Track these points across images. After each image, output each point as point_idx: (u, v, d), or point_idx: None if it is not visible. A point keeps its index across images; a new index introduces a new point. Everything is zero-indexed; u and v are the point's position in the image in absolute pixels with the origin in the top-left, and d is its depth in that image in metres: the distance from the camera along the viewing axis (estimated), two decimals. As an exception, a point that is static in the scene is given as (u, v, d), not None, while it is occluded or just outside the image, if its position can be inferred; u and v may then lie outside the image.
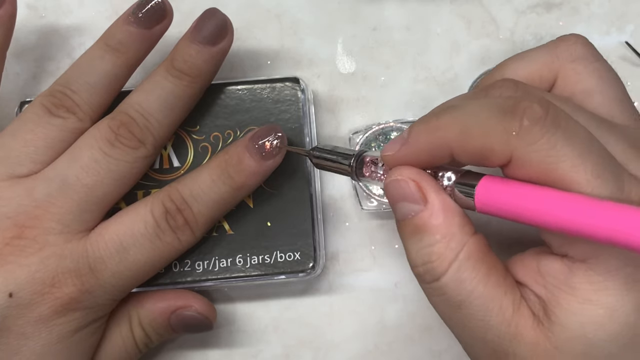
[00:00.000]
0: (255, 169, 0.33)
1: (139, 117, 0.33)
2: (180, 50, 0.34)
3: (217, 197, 0.33)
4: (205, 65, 0.34)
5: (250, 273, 0.35)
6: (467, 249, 0.27)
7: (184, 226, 0.33)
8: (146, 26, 0.34)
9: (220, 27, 0.34)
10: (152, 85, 0.34)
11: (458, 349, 0.37)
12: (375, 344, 0.37)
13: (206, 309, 0.35)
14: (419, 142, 0.28)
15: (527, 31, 0.38)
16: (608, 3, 0.38)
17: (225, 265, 0.35)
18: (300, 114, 0.36)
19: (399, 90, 0.38)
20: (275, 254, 0.35)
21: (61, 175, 0.32)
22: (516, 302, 0.26)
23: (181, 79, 0.33)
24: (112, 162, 0.32)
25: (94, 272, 0.32)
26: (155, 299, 0.35)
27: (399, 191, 0.28)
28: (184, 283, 0.35)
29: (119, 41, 0.34)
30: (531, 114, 0.25)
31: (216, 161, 0.33)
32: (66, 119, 0.33)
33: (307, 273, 0.35)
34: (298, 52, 0.39)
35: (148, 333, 0.35)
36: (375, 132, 0.37)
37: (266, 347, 0.37)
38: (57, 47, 0.39)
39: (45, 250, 0.31)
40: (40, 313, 0.31)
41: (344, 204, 0.38)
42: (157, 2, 0.34)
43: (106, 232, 0.32)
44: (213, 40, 0.34)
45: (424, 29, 0.38)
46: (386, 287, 0.37)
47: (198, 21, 0.34)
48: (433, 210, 0.27)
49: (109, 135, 0.32)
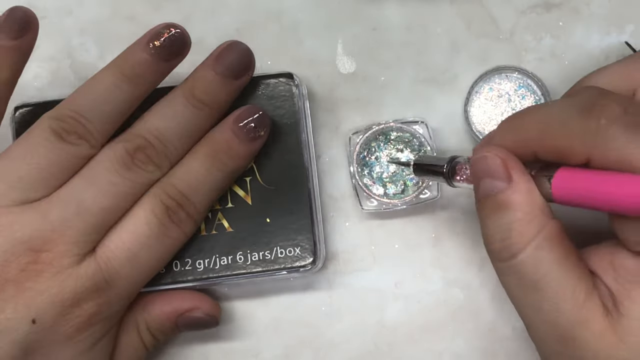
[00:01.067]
0: (245, 152, 0.34)
1: (157, 142, 0.33)
2: (202, 80, 0.33)
3: (213, 184, 0.34)
4: (226, 98, 0.34)
5: (251, 270, 0.35)
6: (547, 230, 0.27)
7: (186, 219, 0.33)
8: (166, 58, 0.33)
9: (245, 62, 0.34)
10: (171, 112, 0.33)
11: (458, 349, 0.37)
12: (375, 344, 0.37)
13: (212, 309, 0.35)
14: (504, 140, 0.29)
15: (527, 31, 0.38)
16: (608, 3, 0.38)
17: (226, 263, 0.35)
18: (295, 109, 0.36)
19: (399, 90, 0.38)
20: (276, 250, 0.35)
21: (77, 198, 0.32)
22: (589, 289, 0.27)
23: (201, 109, 0.33)
24: (128, 184, 0.32)
25: (109, 284, 0.32)
26: (161, 303, 0.35)
27: (485, 167, 0.28)
28: (186, 282, 0.35)
29: (136, 73, 0.33)
30: (609, 113, 0.25)
31: (205, 149, 0.33)
32: (79, 146, 0.32)
33: (308, 268, 0.35)
34: (298, 52, 0.39)
35: (156, 336, 0.35)
36: (375, 132, 0.37)
37: (266, 347, 0.37)
38: (57, 47, 0.39)
39: (62, 273, 0.31)
40: (64, 333, 0.31)
41: (344, 204, 0.38)
42: (178, 33, 0.33)
43: (113, 243, 0.32)
44: (237, 74, 0.34)
45: (424, 29, 0.38)
46: (386, 287, 0.37)
47: (222, 52, 0.34)
48: (517, 189, 0.27)
49: (125, 158, 0.32)
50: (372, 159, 0.37)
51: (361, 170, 0.37)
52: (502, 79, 0.37)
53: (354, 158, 0.37)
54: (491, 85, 0.37)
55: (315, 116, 0.38)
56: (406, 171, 0.36)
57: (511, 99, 0.37)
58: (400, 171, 0.37)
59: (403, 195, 0.36)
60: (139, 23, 0.39)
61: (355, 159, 0.37)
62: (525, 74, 0.37)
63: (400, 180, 0.37)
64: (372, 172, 0.37)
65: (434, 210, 0.37)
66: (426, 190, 0.36)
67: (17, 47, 0.33)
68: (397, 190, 0.37)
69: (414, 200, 0.36)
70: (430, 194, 0.36)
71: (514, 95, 0.37)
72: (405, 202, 0.36)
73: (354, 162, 0.37)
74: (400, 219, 0.37)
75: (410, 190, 0.36)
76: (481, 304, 0.37)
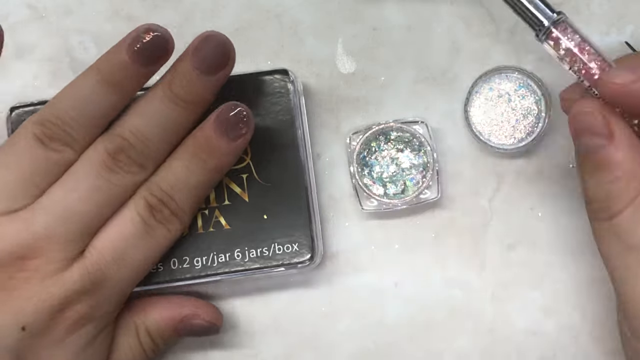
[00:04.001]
0: (225, 149, 0.33)
1: (138, 142, 0.32)
2: (179, 75, 0.32)
3: (195, 182, 0.33)
4: (206, 92, 0.33)
5: (249, 266, 0.35)
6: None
7: (170, 217, 0.33)
8: (146, 63, 0.32)
9: (223, 54, 0.32)
10: (150, 109, 0.33)
11: (458, 349, 0.37)
12: (375, 344, 0.37)
13: (213, 316, 0.35)
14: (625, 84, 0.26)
15: (527, 31, 0.38)
16: (608, 3, 0.38)
17: (224, 260, 0.35)
18: (291, 106, 0.36)
19: (399, 90, 0.38)
20: (273, 247, 0.35)
21: (60, 204, 0.31)
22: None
23: (180, 105, 0.32)
24: (112, 187, 0.32)
25: (97, 285, 0.32)
26: (161, 308, 0.35)
27: (585, 124, 0.27)
28: (184, 280, 0.35)
29: (116, 77, 0.32)
30: None
31: (186, 147, 0.33)
32: (62, 153, 0.32)
33: (306, 264, 0.35)
34: (298, 52, 0.39)
35: (155, 341, 0.35)
36: (375, 132, 0.37)
37: (267, 347, 0.37)
38: (57, 47, 0.39)
39: (49, 278, 0.31)
40: (55, 336, 0.31)
41: (344, 204, 0.38)
42: (158, 36, 0.31)
43: (99, 243, 0.32)
44: (215, 68, 0.32)
45: (424, 29, 0.38)
46: (386, 287, 0.37)
47: (198, 45, 0.32)
48: (619, 146, 0.26)
49: (107, 161, 0.32)
50: (372, 159, 0.37)
51: (361, 170, 0.37)
52: (502, 79, 0.37)
53: (354, 158, 0.37)
54: (491, 85, 0.37)
55: (315, 116, 0.38)
56: (406, 171, 0.36)
57: (511, 99, 0.37)
58: (400, 171, 0.37)
59: (403, 195, 0.36)
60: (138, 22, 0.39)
61: (355, 159, 0.37)
62: (525, 74, 0.37)
63: (400, 180, 0.37)
64: (372, 172, 0.37)
65: (434, 210, 0.37)
66: (426, 190, 0.36)
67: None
68: (397, 190, 0.37)
69: (414, 200, 0.36)
70: (430, 194, 0.36)
71: (514, 95, 0.37)
72: (405, 202, 0.36)
73: (354, 162, 0.37)
74: (400, 219, 0.37)
75: (410, 190, 0.36)
76: (481, 304, 0.37)
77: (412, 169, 0.37)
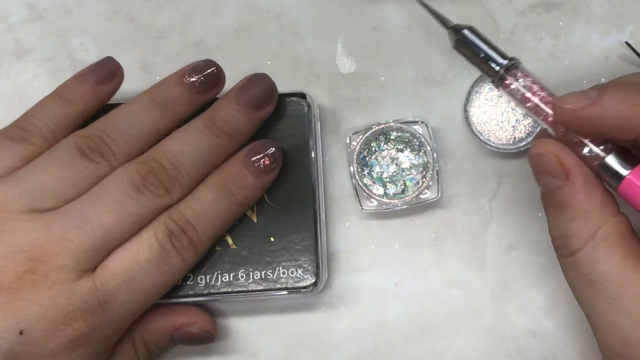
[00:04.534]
0: (254, 184, 0.34)
1: (170, 166, 0.33)
2: (223, 109, 0.34)
3: (219, 214, 0.33)
4: (246, 128, 0.34)
5: (252, 288, 0.35)
6: (606, 230, 0.27)
7: (188, 246, 0.33)
8: (199, 92, 0.34)
9: (268, 94, 0.35)
10: (189, 137, 0.33)
11: (458, 349, 0.37)
12: (375, 344, 0.37)
13: (208, 325, 0.35)
14: (611, 108, 0.26)
15: (527, 31, 0.38)
16: (608, 3, 0.38)
17: (228, 280, 0.35)
18: (305, 130, 0.36)
19: (399, 90, 0.38)
20: (278, 270, 0.35)
21: (81, 212, 0.31)
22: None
23: (219, 137, 0.33)
24: (135, 206, 0.32)
25: (103, 306, 0.31)
26: (158, 316, 0.35)
27: (541, 165, 0.28)
28: (186, 297, 0.34)
29: (168, 101, 0.34)
30: None
31: (215, 178, 0.33)
32: (99, 164, 0.32)
33: (310, 289, 0.35)
34: (298, 52, 0.39)
35: (150, 348, 0.35)
36: (375, 132, 0.37)
37: (266, 347, 0.37)
38: (57, 47, 0.39)
39: (56, 287, 0.31)
40: (51, 349, 0.31)
41: (344, 204, 0.38)
42: (214, 71, 0.34)
43: (112, 263, 0.32)
44: (258, 106, 0.34)
45: (424, 29, 0.38)
46: (386, 287, 0.37)
47: (246, 83, 0.34)
48: (574, 186, 0.27)
49: (136, 180, 0.32)
50: (372, 159, 0.37)
51: (361, 170, 0.37)
52: (502, 79, 0.37)
53: (354, 158, 0.37)
54: (491, 85, 0.37)
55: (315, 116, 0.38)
56: (406, 171, 0.36)
57: (511, 99, 0.37)
58: (400, 171, 0.37)
59: (403, 195, 0.36)
60: (139, 23, 0.39)
61: (355, 159, 0.37)
62: (525, 74, 0.37)
63: (400, 180, 0.37)
64: (372, 172, 0.37)
65: (434, 210, 0.37)
66: (426, 190, 0.36)
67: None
68: (397, 190, 0.37)
69: (414, 200, 0.36)
70: (430, 194, 0.36)
71: (514, 95, 0.37)
72: (405, 202, 0.36)
73: (354, 162, 0.37)
74: (400, 219, 0.37)
75: (410, 190, 0.36)
76: (481, 304, 0.37)
77: (412, 169, 0.37)
